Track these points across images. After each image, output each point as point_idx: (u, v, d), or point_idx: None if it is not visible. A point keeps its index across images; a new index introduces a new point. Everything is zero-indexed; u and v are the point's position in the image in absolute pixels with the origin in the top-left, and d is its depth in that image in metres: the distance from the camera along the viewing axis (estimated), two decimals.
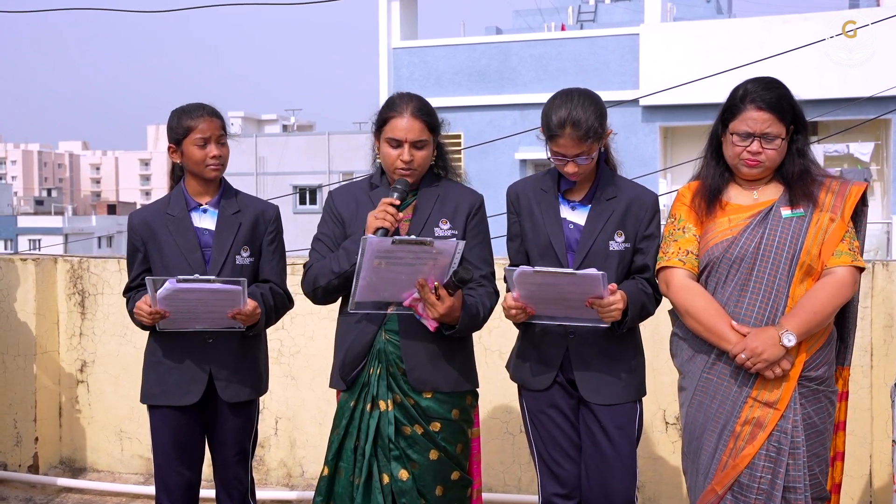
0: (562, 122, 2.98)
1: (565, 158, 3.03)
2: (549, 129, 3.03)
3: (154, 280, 3.11)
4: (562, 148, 3.01)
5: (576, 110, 2.99)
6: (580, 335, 3.09)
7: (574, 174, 3.06)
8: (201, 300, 3.14)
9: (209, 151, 3.32)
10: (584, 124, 2.98)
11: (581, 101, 3.02)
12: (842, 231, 2.89)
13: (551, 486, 3.20)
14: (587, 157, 3.02)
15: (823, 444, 2.93)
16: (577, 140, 2.99)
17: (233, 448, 3.40)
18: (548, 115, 3.04)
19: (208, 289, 3.10)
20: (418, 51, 19.24)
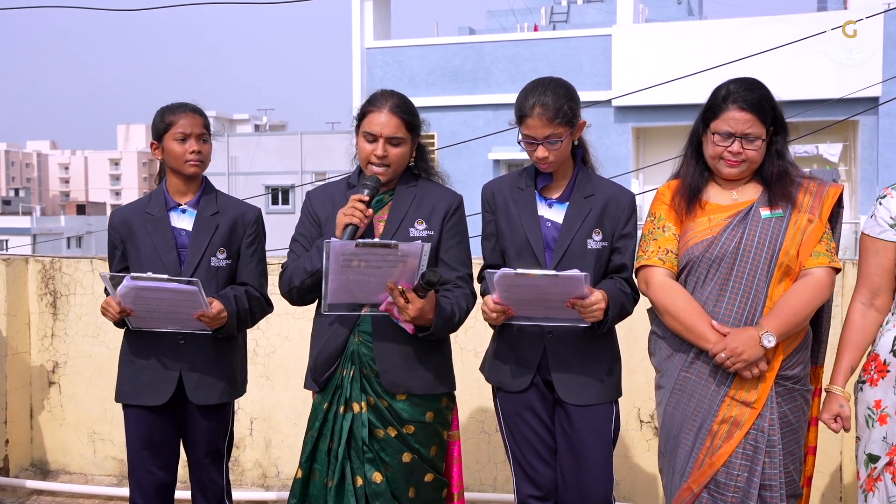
0: (532, 102, 3.00)
1: (535, 142, 3.03)
2: (520, 110, 3.04)
3: (112, 277, 3.10)
4: (531, 129, 3.01)
5: (546, 92, 3.01)
6: (557, 335, 3.09)
7: (544, 160, 3.05)
8: (163, 300, 3.11)
9: (189, 147, 3.31)
10: (554, 104, 2.99)
11: (552, 84, 3.05)
12: (820, 232, 2.92)
13: (527, 488, 3.20)
14: (557, 141, 3.02)
15: (798, 442, 2.96)
16: (546, 120, 2.99)
17: (205, 449, 3.38)
18: (519, 99, 3.06)
19: (164, 288, 3.07)
20: (392, 51, 19.23)
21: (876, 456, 2.90)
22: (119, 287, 3.08)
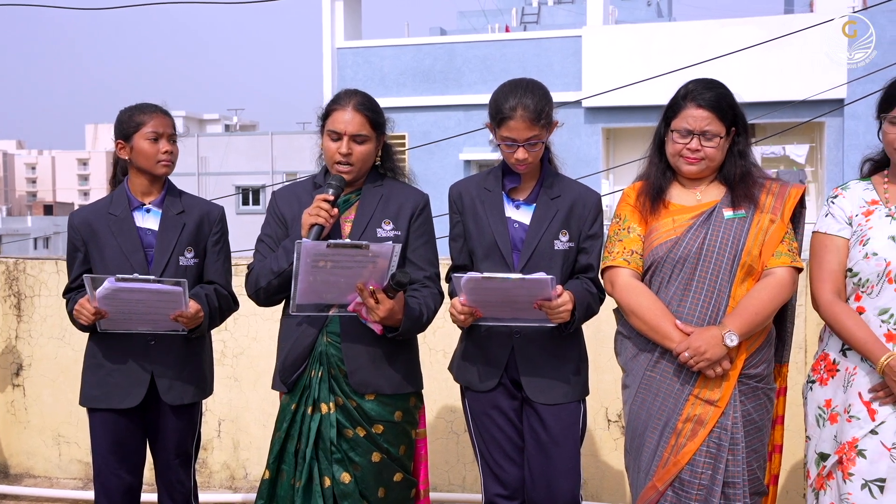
0: (513, 104, 3.00)
1: (516, 143, 3.03)
2: (500, 113, 3.03)
3: (93, 278, 3.07)
4: (513, 132, 3.02)
5: (526, 94, 3.02)
6: (525, 335, 3.10)
7: (523, 162, 3.06)
8: (142, 301, 3.10)
9: (161, 147, 3.30)
10: (535, 106, 3.00)
11: (531, 86, 3.07)
12: (782, 232, 2.96)
13: (494, 487, 3.21)
14: (538, 142, 3.03)
15: (762, 439, 3.00)
16: (529, 122, 3.00)
17: (175, 451, 3.36)
18: (497, 100, 3.05)
19: (148, 289, 3.05)
20: (362, 51, 19.19)
21: (826, 454, 2.93)
22: (99, 289, 3.05)
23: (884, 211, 2.92)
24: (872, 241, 2.87)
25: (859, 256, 2.89)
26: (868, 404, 2.85)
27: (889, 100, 2.90)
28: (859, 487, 2.82)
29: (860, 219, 2.94)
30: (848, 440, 2.85)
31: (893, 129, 2.88)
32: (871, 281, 2.86)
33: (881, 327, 2.84)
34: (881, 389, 2.83)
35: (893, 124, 2.88)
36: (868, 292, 2.88)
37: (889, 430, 2.81)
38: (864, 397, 2.86)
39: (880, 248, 2.85)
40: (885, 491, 2.80)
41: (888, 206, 2.93)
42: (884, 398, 2.83)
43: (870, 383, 2.86)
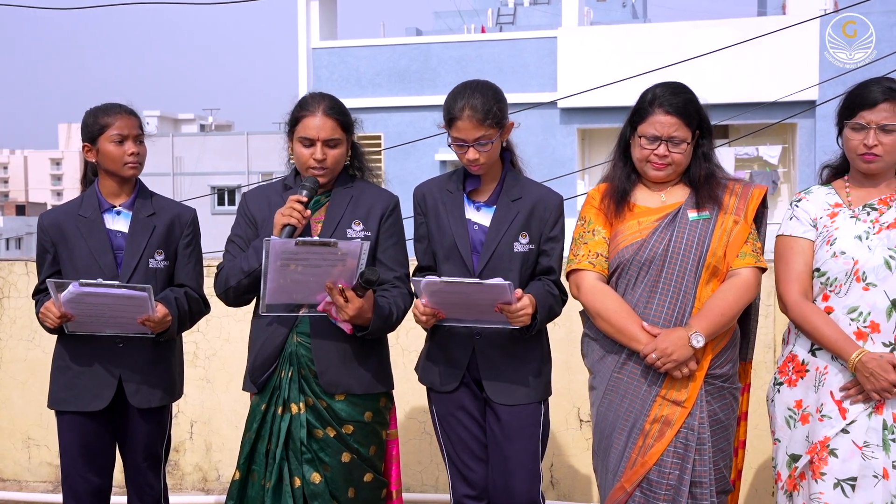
0: (461, 105, 3.03)
1: (465, 144, 3.05)
2: (450, 113, 3.06)
3: (56, 283, 3.05)
4: (461, 132, 3.04)
5: (474, 94, 3.04)
6: (486, 336, 3.11)
7: (475, 162, 3.07)
8: (108, 305, 3.08)
9: (127, 149, 3.27)
10: (483, 106, 3.02)
11: (480, 87, 3.09)
12: (745, 233, 2.99)
13: (462, 488, 3.22)
14: (488, 142, 3.05)
15: (728, 439, 3.03)
16: (476, 122, 3.02)
17: (144, 453, 3.34)
18: (447, 101, 3.09)
19: (114, 294, 3.04)
20: (338, 51, 19.14)
21: (798, 455, 2.97)
22: (64, 293, 3.03)
23: (848, 213, 2.97)
24: (839, 241, 2.91)
25: (827, 256, 2.93)
26: (839, 403, 2.88)
27: (850, 107, 2.94)
28: (832, 487, 2.85)
29: (825, 220, 2.98)
30: (820, 440, 2.89)
31: (856, 136, 2.91)
32: (839, 280, 2.90)
33: (850, 325, 2.88)
34: (853, 387, 2.87)
35: (855, 130, 2.92)
36: (836, 291, 2.92)
37: (860, 429, 2.85)
38: (836, 396, 2.89)
39: (847, 247, 2.89)
40: (856, 489, 2.83)
41: (852, 209, 2.97)
42: (855, 396, 2.86)
43: (841, 382, 2.89)
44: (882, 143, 2.87)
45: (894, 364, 2.79)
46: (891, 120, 2.86)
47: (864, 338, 2.87)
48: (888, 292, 2.85)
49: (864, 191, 2.99)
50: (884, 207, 2.94)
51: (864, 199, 2.98)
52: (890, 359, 2.80)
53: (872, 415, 2.85)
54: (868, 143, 2.88)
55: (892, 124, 2.86)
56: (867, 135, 2.88)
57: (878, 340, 2.86)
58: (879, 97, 2.87)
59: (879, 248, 2.87)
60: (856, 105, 2.92)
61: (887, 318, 2.85)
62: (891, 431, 2.84)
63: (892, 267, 2.85)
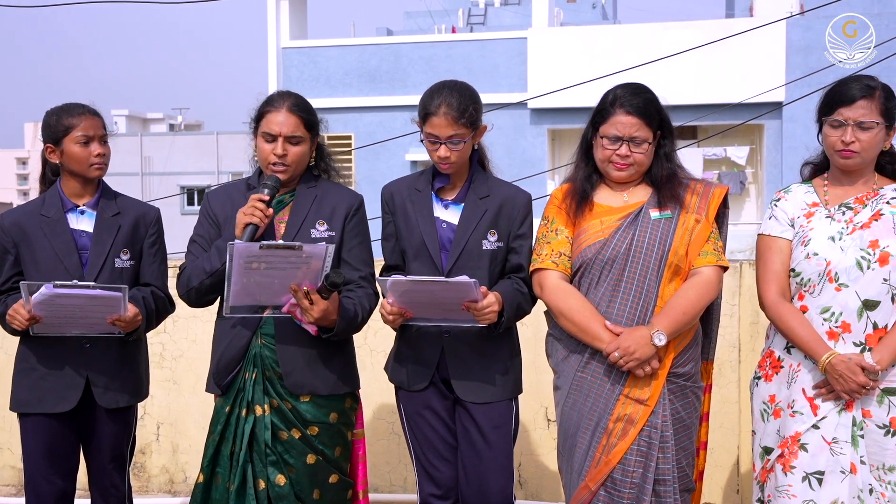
0: (438, 101, 3.05)
1: (438, 141, 3.06)
2: (425, 109, 3.07)
3: (29, 285, 3.01)
4: (436, 128, 3.05)
5: (452, 93, 3.07)
6: (455, 334, 3.12)
7: (445, 160, 3.08)
8: (79, 306, 3.05)
9: (93, 150, 3.25)
10: (459, 105, 3.04)
11: (458, 86, 3.11)
12: (707, 232, 3.02)
13: (428, 487, 3.23)
14: (460, 141, 3.06)
15: (690, 437, 3.06)
16: (451, 120, 3.03)
17: (109, 455, 3.32)
18: (424, 98, 3.10)
19: (88, 295, 3.01)
20: (308, 51, 19.07)
21: (770, 448, 3.01)
22: (35, 295, 2.99)
23: (824, 212, 3.01)
24: (813, 242, 2.96)
25: (801, 257, 2.97)
26: (811, 400, 2.93)
27: (829, 103, 2.97)
28: (800, 480, 2.90)
29: (802, 220, 3.02)
30: (791, 434, 2.94)
31: (834, 132, 2.95)
32: (813, 280, 2.94)
33: (823, 325, 2.93)
34: (824, 386, 2.92)
35: (833, 127, 2.95)
36: (810, 291, 2.96)
37: (830, 425, 2.90)
38: (808, 393, 2.94)
39: (821, 249, 2.94)
40: (823, 484, 2.88)
41: (828, 208, 3.01)
42: (826, 395, 2.91)
43: (813, 380, 2.94)
44: (859, 140, 2.91)
45: (862, 366, 2.83)
46: (868, 117, 2.90)
47: (836, 338, 2.91)
48: (859, 293, 2.89)
49: (842, 189, 3.03)
50: (859, 206, 2.98)
51: (842, 198, 3.01)
52: (858, 361, 2.84)
53: (842, 412, 2.90)
54: (846, 140, 2.92)
55: (869, 121, 2.90)
56: (845, 131, 2.92)
57: (848, 340, 2.90)
58: (857, 94, 2.92)
59: (852, 248, 2.91)
60: (834, 102, 2.96)
61: (858, 318, 2.89)
62: (859, 428, 2.89)
63: (863, 268, 2.89)
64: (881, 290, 2.88)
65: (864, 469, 2.87)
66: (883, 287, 2.88)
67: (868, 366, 2.83)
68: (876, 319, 2.89)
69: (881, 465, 2.88)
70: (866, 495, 2.86)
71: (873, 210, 2.96)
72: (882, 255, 2.88)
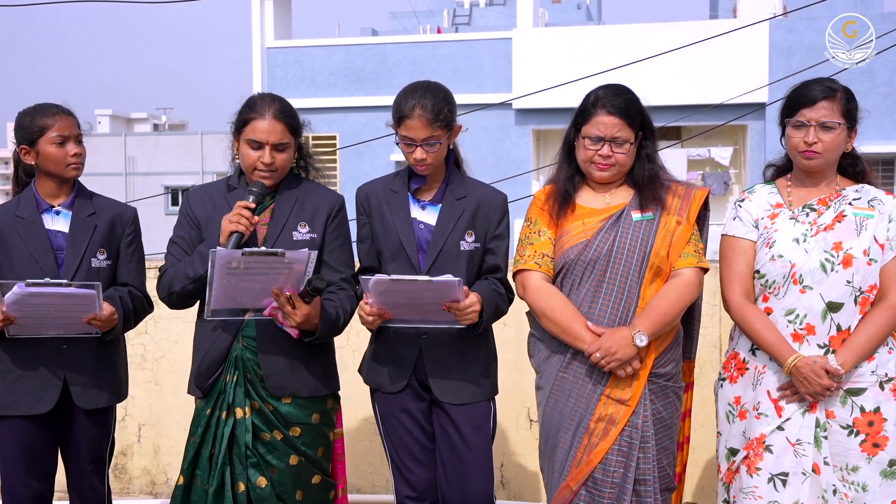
0: (412, 104, 3.03)
1: (414, 143, 3.05)
2: (400, 112, 3.06)
3: (1, 284, 2.99)
4: (411, 131, 3.04)
5: (426, 95, 3.05)
6: (432, 336, 3.11)
7: (422, 162, 3.07)
8: (54, 305, 3.03)
9: (69, 150, 3.23)
10: (434, 107, 3.03)
11: (432, 88, 3.10)
12: (688, 233, 3.03)
13: (404, 490, 3.22)
14: (436, 143, 3.05)
15: (671, 437, 3.07)
16: (426, 122, 3.02)
17: (88, 457, 3.29)
18: (398, 100, 3.09)
19: (61, 293, 2.99)
20: (293, 51, 19.02)
21: (735, 449, 3.02)
22: (8, 294, 2.97)
23: (788, 214, 3.02)
24: (778, 244, 2.97)
25: (766, 259, 2.98)
26: (776, 401, 2.94)
27: (791, 105, 3.00)
28: (765, 481, 2.92)
29: (766, 221, 3.03)
30: (756, 436, 2.95)
31: (797, 134, 2.97)
32: (778, 282, 2.95)
33: (788, 327, 2.94)
34: (788, 388, 2.93)
35: (796, 128, 2.97)
36: (775, 293, 2.97)
37: (794, 427, 2.91)
38: (773, 395, 2.95)
39: (785, 251, 2.95)
40: (786, 485, 2.90)
41: (792, 209, 3.03)
42: (791, 396, 2.92)
43: (778, 382, 2.95)
44: (822, 141, 2.93)
45: (827, 369, 2.85)
46: (830, 118, 2.92)
47: (801, 339, 2.92)
48: (823, 295, 2.90)
49: (805, 190, 3.04)
50: (822, 208, 3.00)
51: (805, 199, 3.03)
52: (823, 363, 2.86)
53: (806, 413, 2.91)
54: (808, 141, 2.93)
55: (831, 122, 2.92)
56: (807, 132, 2.94)
57: (813, 342, 2.92)
58: (819, 95, 2.94)
59: (816, 250, 2.92)
60: (796, 103, 2.98)
61: (822, 320, 2.91)
62: (823, 429, 2.90)
63: (827, 270, 2.90)
64: (845, 291, 2.89)
65: (827, 470, 2.88)
66: (846, 289, 2.89)
67: (832, 369, 2.84)
68: (840, 321, 2.90)
69: (845, 466, 2.90)
70: (830, 496, 2.87)
71: (836, 211, 2.98)
72: (845, 257, 2.90)
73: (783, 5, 16.16)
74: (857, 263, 2.89)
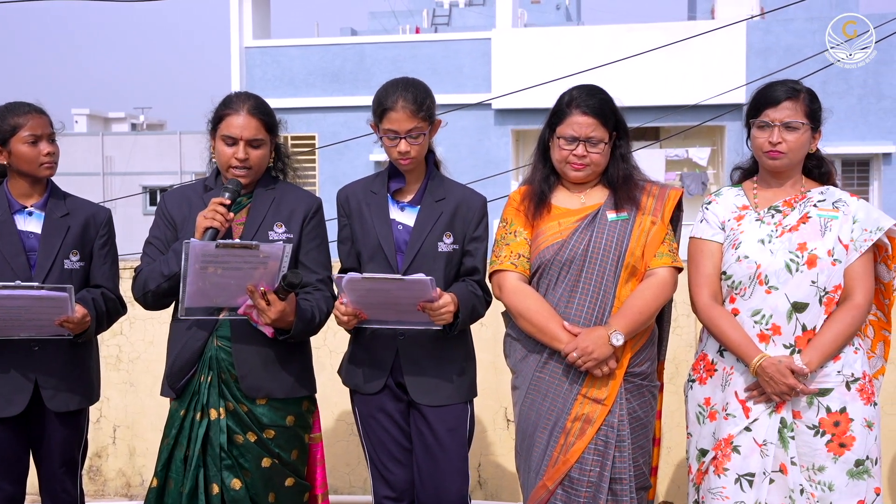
0: (394, 97, 3.04)
1: (398, 136, 3.05)
2: (382, 105, 3.06)
3: None
4: (394, 123, 3.04)
5: (407, 87, 3.07)
6: (410, 337, 3.10)
7: (406, 155, 3.06)
8: (25, 307, 3.00)
9: (42, 149, 3.20)
10: (416, 98, 3.04)
11: (412, 81, 3.12)
12: (662, 233, 3.04)
13: (382, 490, 3.22)
14: (420, 135, 3.05)
15: (647, 436, 3.08)
16: (410, 113, 3.03)
17: (61, 459, 3.26)
18: (379, 96, 3.10)
19: (32, 296, 2.96)
20: (271, 50, 18.95)
21: (706, 450, 3.04)
22: None
23: (753, 215, 3.04)
24: (744, 245, 2.99)
25: (732, 260, 3.00)
26: (743, 402, 2.96)
27: (756, 106, 3.02)
28: (733, 482, 2.93)
29: (732, 223, 3.05)
30: (724, 437, 2.96)
31: (761, 134, 2.99)
32: (744, 283, 2.97)
33: (754, 328, 2.95)
34: (755, 388, 2.95)
35: (761, 129, 3.00)
36: (741, 294, 2.98)
37: (761, 428, 2.93)
38: (740, 396, 2.97)
39: (751, 252, 2.97)
40: (753, 485, 2.92)
41: (757, 211, 3.05)
42: (758, 397, 2.94)
43: (745, 382, 2.97)
44: (786, 141, 2.95)
45: (792, 368, 2.86)
46: (793, 118, 2.95)
47: (767, 340, 2.94)
48: (789, 295, 2.92)
49: (771, 192, 3.07)
50: (787, 209, 3.02)
51: (771, 201, 3.05)
52: (788, 363, 2.87)
53: (773, 413, 2.93)
54: (772, 141, 2.96)
55: (795, 121, 2.95)
56: (771, 132, 2.96)
57: (779, 342, 2.93)
58: (782, 96, 2.96)
59: (781, 251, 2.94)
60: (761, 104, 3.00)
61: (787, 320, 2.92)
62: (790, 429, 2.92)
63: (792, 270, 2.92)
64: (809, 292, 2.91)
65: (794, 470, 2.90)
66: (811, 289, 2.91)
67: (797, 368, 2.86)
68: (805, 321, 2.92)
69: (811, 466, 2.91)
70: (797, 496, 2.88)
71: (801, 213, 3.00)
72: (810, 257, 2.92)
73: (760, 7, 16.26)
74: (822, 264, 2.91)
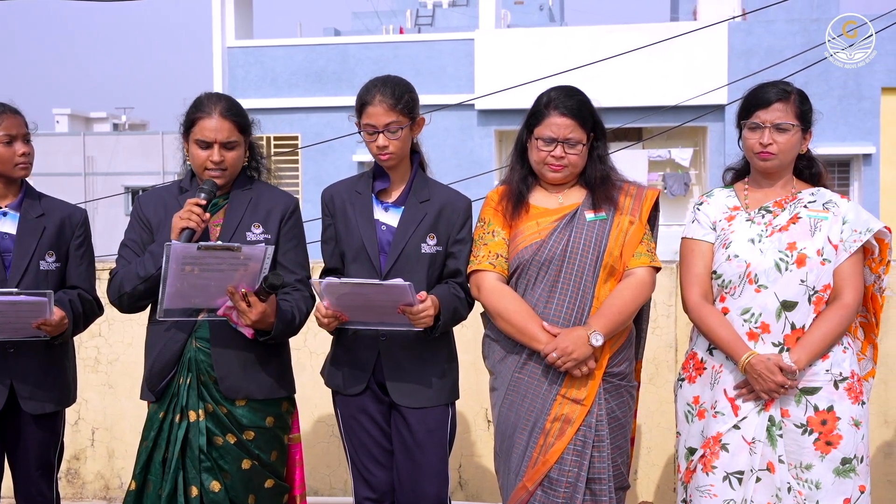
0: (373, 92, 3.05)
1: (376, 130, 3.04)
2: (361, 100, 3.07)
3: None
4: (372, 117, 3.04)
5: (387, 83, 3.08)
6: (391, 338, 3.09)
7: (384, 150, 3.06)
8: (2, 312, 2.97)
9: (17, 149, 3.17)
10: (394, 92, 3.04)
11: (392, 78, 3.13)
12: (641, 233, 3.05)
13: (363, 491, 3.21)
14: (398, 129, 3.04)
15: (625, 436, 3.08)
16: (387, 107, 3.02)
17: (36, 462, 3.23)
18: (360, 92, 3.11)
19: (11, 301, 2.93)
20: (254, 50, 18.89)
21: (694, 449, 3.05)
22: None
23: (744, 216, 3.05)
24: (734, 245, 3.00)
25: (722, 259, 3.01)
26: (732, 400, 2.97)
27: (747, 108, 3.03)
28: (721, 479, 2.94)
29: (723, 223, 3.07)
30: (713, 435, 2.97)
31: (752, 135, 3.01)
32: (734, 282, 2.98)
33: (743, 326, 2.96)
34: (744, 387, 2.95)
35: (752, 130, 3.01)
36: (731, 293, 3.00)
37: (750, 426, 2.94)
38: (729, 394, 2.98)
39: (741, 251, 2.98)
40: (742, 483, 2.92)
41: (748, 211, 3.06)
42: (747, 395, 2.95)
43: (734, 381, 2.98)
44: (776, 142, 2.97)
45: (780, 366, 2.88)
46: (784, 119, 2.96)
47: (756, 338, 2.95)
48: (778, 294, 2.93)
49: (762, 192, 3.08)
50: (778, 210, 3.03)
51: (761, 202, 3.07)
52: (776, 361, 2.88)
53: (762, 412, 2.94)
54: (763, 142, 2.97)
55: (785, 123, 2.96)
56: (762, 133, 2.97)
57: (768, 341, 2.95)
58: (773, 97, 2.98)
59: (771, 250, 2.96)
60: (752, 106, 3.02)
61: (776, 318, 2.94)
62: (778, 427, 2.93)
63: (781, 269, 2.93)
64: (798, 291, 2.93)
65: (782, 468, 2.91)
66: (800, 288, 2.93)
67: (786, 366, 2.87)
68: (794, 320, 2.94)
69: (799, 464, 2.93)
70: (784, 493, 2.90)
71: (791, 213, 3.01)
72: (799, 256, 2.93)
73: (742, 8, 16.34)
74: (811, 263, 2.93)
